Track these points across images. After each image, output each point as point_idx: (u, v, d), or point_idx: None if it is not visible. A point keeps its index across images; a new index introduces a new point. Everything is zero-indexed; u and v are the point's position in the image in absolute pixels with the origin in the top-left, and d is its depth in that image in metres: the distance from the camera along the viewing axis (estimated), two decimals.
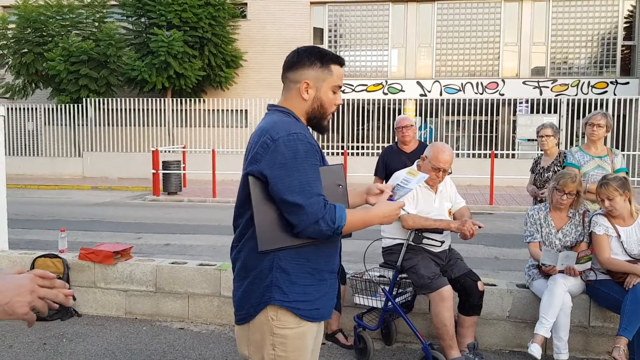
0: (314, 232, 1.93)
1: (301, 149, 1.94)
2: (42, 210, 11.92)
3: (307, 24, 20.75)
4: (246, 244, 2.06)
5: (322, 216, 1.91)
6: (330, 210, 1.93)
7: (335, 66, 2.12)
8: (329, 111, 2.15)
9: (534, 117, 17.31)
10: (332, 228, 1.92)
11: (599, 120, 4.74)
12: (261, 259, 2.01)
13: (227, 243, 8.40)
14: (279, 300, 2.00)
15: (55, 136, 20.04)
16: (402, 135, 5.06)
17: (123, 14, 19.81)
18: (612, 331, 4.02)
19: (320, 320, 2.13)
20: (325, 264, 2.08)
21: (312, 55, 2.10)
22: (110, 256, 4.93)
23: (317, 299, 2.06)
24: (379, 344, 4.32)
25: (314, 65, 2.09)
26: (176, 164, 14.49)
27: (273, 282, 2.00)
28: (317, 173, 1.98)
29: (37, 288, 1.33)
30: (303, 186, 1.91)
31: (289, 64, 2.13)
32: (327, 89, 2.12)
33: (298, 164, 1.92)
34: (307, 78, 2.08)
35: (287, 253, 2.00)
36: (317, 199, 1.92)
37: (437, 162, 3.80)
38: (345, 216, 1.96)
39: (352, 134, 19.66)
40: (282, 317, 2.02)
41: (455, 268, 3.96)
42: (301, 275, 2.02)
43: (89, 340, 4.42)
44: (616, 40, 19.70)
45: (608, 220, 3.98)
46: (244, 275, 2.07)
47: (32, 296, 1.32)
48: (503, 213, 11.90)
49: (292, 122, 2.04)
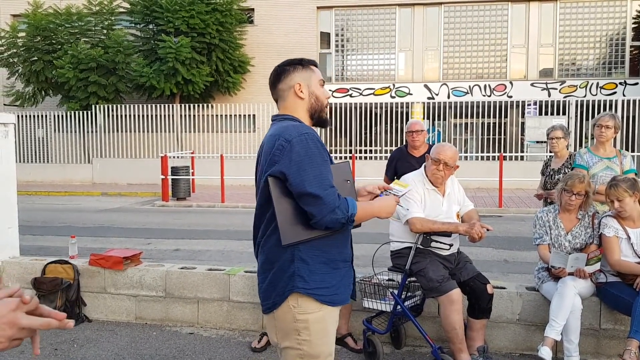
0: (330, 221, 2.13)
1: (313, 147, 2.15)
2: (53, 216, 12.00)
3: (314, 29, 20.79)
4: (268, 241, 2.26)
5: (338, 205, 2.12)
6: (343, 200, 2.15)
7: (312, 66, 2.39)
8: (324, 103, 2.40)
9: (543, 119, 17.23)
10: (346, 216, 2.14)
11: (607, 121, 4.72)
12: (283, 251, 2.21)
13: (236, 248, 8.43)
14: (302, 288, 2.21)
15: (65, 143, 20.18)
16: (412, 139, 5.06)
17: (131, 21, 19.94)
18: (623, 334, 4.00)
19: (339, 305, 2.32)
20: (337, 254, 2.29)
21: (292, 63, 2.38)
22: (120, 262, 4.96)
23: (333, 285, 2.27)
24: (388, 348, 4.31)
25: (297, 69, 2.36)
26: (185, 170, 14.55)
27: (295, 272, 2.21)
28: (329, 168, 2.20)
29: (20, 318, 1.11)
30: (319, 179, 2.12)
31: (275, 78, 2.39)
32: (316, 84, 2.36)
33: (312, 159, 2.13)
34: (298, 80, 2.34)
35: (305, 245, 2.20)
36: (332, 190, 2.13)
37: (436, 155, 3.84)
38: (356, 206, 2.19)
39: (360, 138, 19.65)
40: (302, 305, 2.22)
41: (464, 271, 3.95)
42: (318, 265, 2.23)
43: (99, 345, 4.45)
44: (625, 41, 19.58)
45: (618, 222, 3.95)
46: (268, 267, 2.27)
47: (13, 329, 1.10)
48: (512, 215, 11.84)
49: (300, 125, 2.25)
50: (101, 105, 19.17)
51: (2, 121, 5.15)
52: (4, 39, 19.18)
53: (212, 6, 18.85)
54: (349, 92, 20.26)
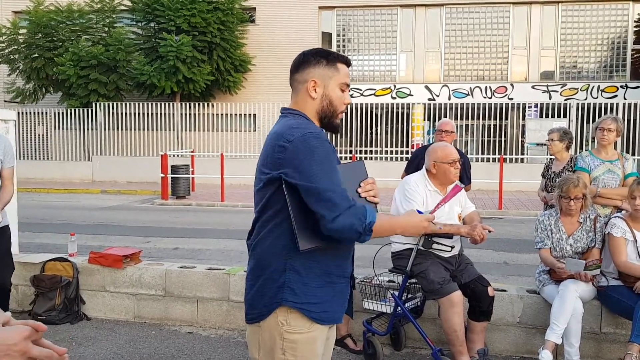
0: (344, 226, 1.90)
1: (317, 145, 1.95)
2: (52, 214, 11.98)
3: (316, 29, 20.79)
4: (260, 244, 2.07)
5: (350, 207, 1.91)
6: (359, 205, 1.94)
7: (341, 64, 2.13)
8: (339, 109, 2.14)
9: (543, 122, 17.22)
10: (364, 224, 1.90)
11: (609, 124, 4.70)
12: (275, 258, 2.02)
13: (235, 247, 8.41)
14: (291, 301, 2.01)
15: (65, 140, 20.16)
16: (441, 139, 4.96)
17: (132, 19, 19.95)
18: (624, 337, 3.98)
19: (330, 324, 2.12)
20: (335, 268, 2.08)
21: (318, 54, 2.12)
22: (119, 260, 4.95)
23: (326, 302, 2.06)
24: (388, 350, 4.30)
25: (319, 64, 2.10)
26: (185, 168, 14.53)
27: (286, 283, 2.01)
28: (335, 169, 1.99)
29: (31, 348, 1.10)
30: (326, 175, 1.93)
31: (296, 66, 2.14)
32: (334, 87, 2.11)
33: (317, 159, 1.94)
34: (314, 76, 2.09)
35: (300, 255, 1.99)
36: (343, 190, 1.94)
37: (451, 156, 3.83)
38: (375, 215, 1.95)
39: (361, 139, 19.65)
40: (292, 322, 2.02)
41: (465, 273, 3.94)
42: (312, 277, 2.03)
43: (98, 344, 4.43)
44: (626, 44, 19.59)
45: (626, 224, 3.94)
46: (258, 273, 2.08)
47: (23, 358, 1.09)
48: (512, 218, 11.83)
49: (305, 124, 2.05)
50: (101, 103, 19.16)
51: (3, 118, 5.14)
52: (5, 35, 19.19)
53: (214, 5, 18.87)
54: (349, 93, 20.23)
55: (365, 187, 2.09)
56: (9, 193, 4.06)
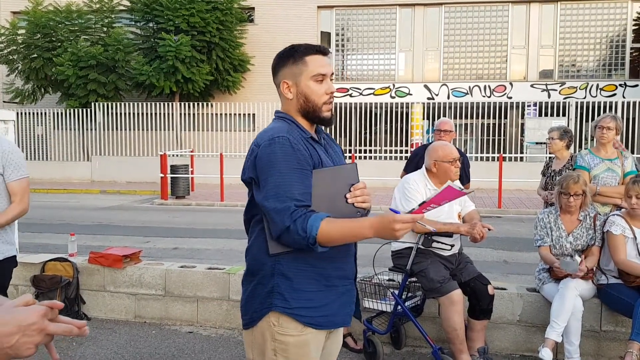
0: (288, 240, 1.88)
1: (279, 152, 1.91)
2: (52, 214, 11.98)
3: (315, 28, 20.78)
4: (250, 248, 2.09)
5: (289, 225, 1.84)
6: (301, 218, 1.85)
7: (309, 57, 2.06)
8: (319, 102, 2.05)
9: (542, 120, 17.24)
10: (304, 237, 1.84)
11: (608, 123, 4.71)
12: (264, 263, 2.01)
13: (235, 247, 8.41)
14: (280, 307, 1.98)
15: (64, 140, 20.15)
16: (440, 138, 4.96)
17: (131, 19, 19.94)
18: (624, 336, 3.99)
19: (329, 328, 2.08)
20: (333, 269, 2.03)
21: (284, 54, 2.10)
22: (119, 260, 4.95)
23: (323, 306, 2.02)
24: (388, 348, 4.30)
25: (287, 64, 2.08)
26: (184, 168, 14.54)
27: (274, 289, 1.98)
28: (296, 176, 1.91)
29: (48, 325, 1.13)
30: (276, 190, 1.89)
31: (272, 71, 2.14)
32: (306, 82, 2.04)
33: (274, 167, 1.91)
34: (284, 77, 2.07)
35: (288, 258, 1.97)
36: (288, 205, 1.86)
37: (451, 154, 3.84)
38: (318, 225, 1.84)
39: (360, 138, 19.65)
40: (283, 324, 1.99)
41: (465, 272, 3.94)
42: (305, 281, 1.99)
43: (98, 343, 4.43)
44: (625, 43, 19.61)
45: (626, 221, 3.94)
46: (249, 279, 2.08)
47: (40, 335, 1.11)
48: (512, 216, 11.84)
49: (281, 127, 2.01)
50: (100, 103, 19.14)
51: (2, 118, 5.13)
52: (4, 36, 19.17)
53: (213, 5, 18.85)
54: (348, 92, 20.25)
55: (355, 193, 2.03)
56: (13, 210, 3.35)
